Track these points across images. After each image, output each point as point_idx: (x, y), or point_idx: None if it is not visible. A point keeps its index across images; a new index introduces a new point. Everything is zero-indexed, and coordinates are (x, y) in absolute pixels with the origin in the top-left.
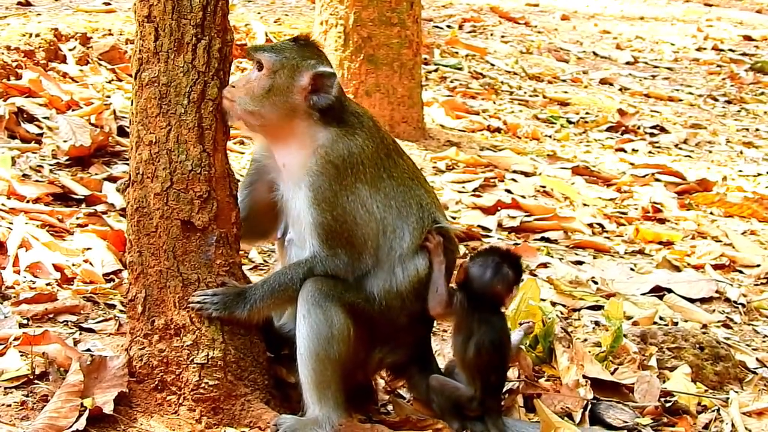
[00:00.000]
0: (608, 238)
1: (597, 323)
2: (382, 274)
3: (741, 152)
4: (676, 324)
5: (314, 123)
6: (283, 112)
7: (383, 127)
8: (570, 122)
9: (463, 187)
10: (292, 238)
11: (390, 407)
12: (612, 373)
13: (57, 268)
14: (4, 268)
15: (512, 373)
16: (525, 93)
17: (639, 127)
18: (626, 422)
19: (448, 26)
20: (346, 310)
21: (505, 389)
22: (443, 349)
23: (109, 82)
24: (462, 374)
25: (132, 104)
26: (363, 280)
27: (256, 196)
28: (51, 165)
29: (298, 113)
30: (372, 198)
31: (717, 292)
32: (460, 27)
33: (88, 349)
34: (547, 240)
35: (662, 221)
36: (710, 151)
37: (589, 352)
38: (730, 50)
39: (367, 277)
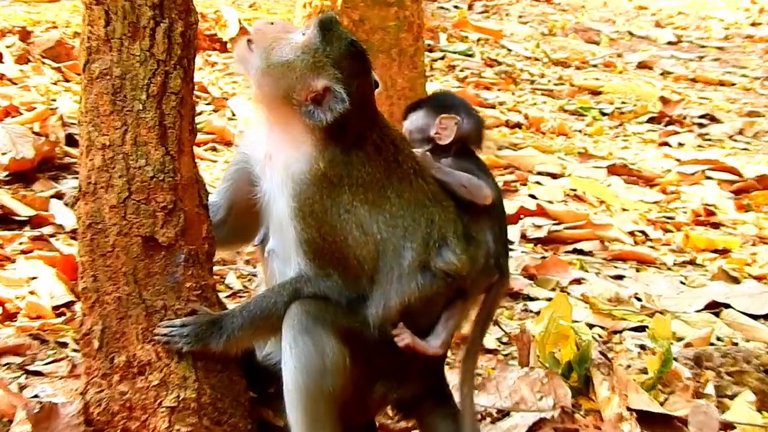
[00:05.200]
0: (653, 247)
1: (642, 346)
2: (376, 296)
3: None
4: (735, 344)
5: (315, 133)
6: (284, 100)
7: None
8: (603, 114)
9: None
10: (274, 248)
11: None
12: (661, 404)
13: None
14: None
15: (545, 402)
16: (549, 81)
17: (685, 117)
18: None
19: (456, 6)
20: (340, 337)
21: (535, 419)
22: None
23: (55, 83)
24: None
25: (81, 102)
26: (356, 302)
27: (239, 191)
28: None
29: (296, 113)
30: (372, 219)
31: None
32: (470, 7)
33: (36, 395)
34: (581, 252)
35: (716, 226)
36: None
37: (634, 379)
38: None
39: (360, 300)
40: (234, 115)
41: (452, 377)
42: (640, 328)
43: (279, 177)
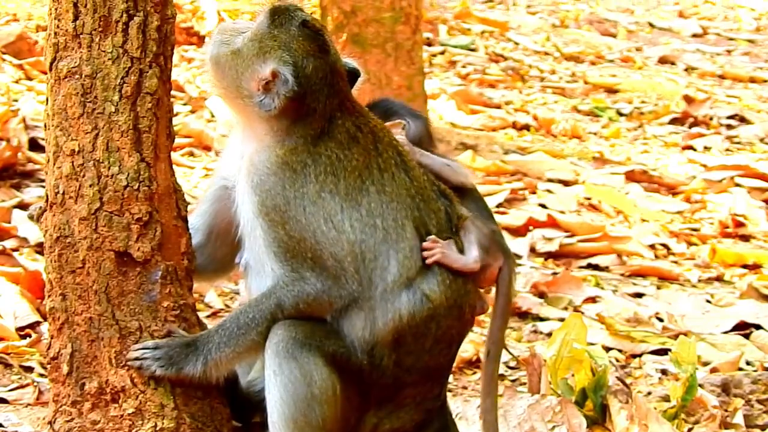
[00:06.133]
0: (676, 262)
1: (664, 371)
2: (361, 317)
3: None
4: (767, 369)
5: (274, 122)
6: (237, 91)
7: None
8: (621, 114)
9: None
10: (249, 261)
11: None
12: None
13: None
14: None
15: None
16: (560, 78)
17: (712, 118)
18: None
19: None
20: (328, 363)
21: None
22: (466, 411)
23: (16, 81)
24: None
25: (47, 103)
26: (340, 324)
27: (219, 213)
28: None
29: (251, 106)
30: (344, 212)
31: None
32: None
33: (0, 425)
34: (596, 267)
35: (746, 238)
36: None
37: (655, 408)
38: None
39: (344, 320)
40: (213, 116)
41: (455, 405)
42: (662, 352)
43: (244, 175)
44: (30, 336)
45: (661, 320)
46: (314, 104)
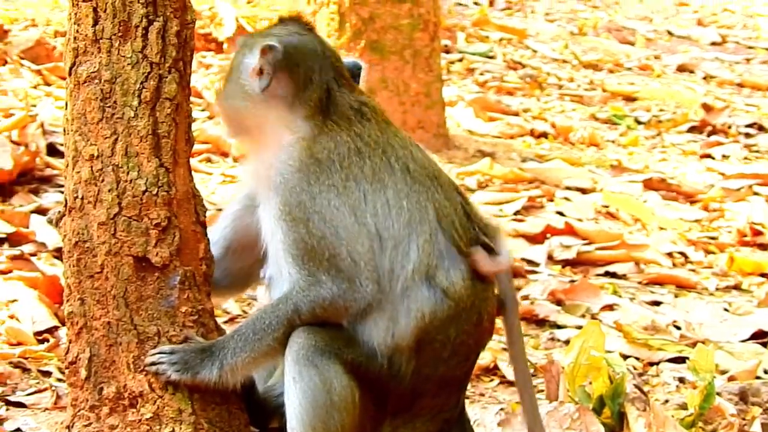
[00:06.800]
0: (694, 270)
1: (681, 379)
2: (380, 321)
3: None
4: None
5: (285, 114)
6: (241, 104)
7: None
8: (639, 122)
9: (501, 209)
10: (272, 274)
11: None
12: None
13: None
14: None
15: None
16: (578, 86)
17: (730, 126)
18: None
19: (476, 3)
20: (347, 370)
21: None
22: (484, 418)
23: (35, 87)
24: None
25: (66, 108)
26: (360, 331)
27: (238, 229)
28: None
29: (257, 103)
30: (369, 199)
31: None
32: (491, 3)
33: (18, 429)
34: (614, 275)
35: (764, 247)
36: None
37: (672, 416)
38: None
39: (364, 326)
40: None
41: (473, 412)
42: (680, 360)
43: (267, 180)
44: (48, 340)
45: (678, 328)
46: (309, 73)
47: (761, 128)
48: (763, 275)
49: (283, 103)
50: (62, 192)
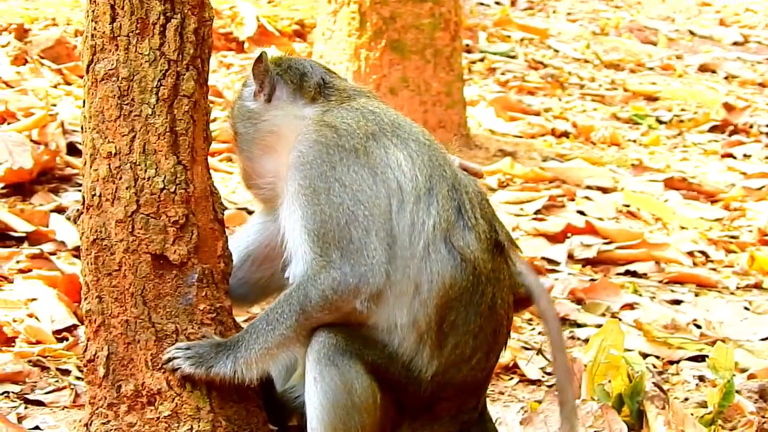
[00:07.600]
0: (714, 269)
1: (701, 378)
2: (402, 297)
3: None
4: None
5: (292, 108)
6: (253, 127)
7: None
8: (660, 122)
9: (522, 208)
10: (295, 273)
11: None
12: None
13: None
14: None
15: None
16: (600, 86)
17: (752, 126)
18: None
19: (497, 2)
20: (368, 371)
21: None
22: (506, 416)
23: (55, 86)
24: None
25: (84, 106)
26: (380, 318)
27: (259, 240)
28: None
29: (265, 114)
30: (392, 152)
31: None
32: (513, 3)
33: (37, 427)
34: (634, 274)
35: None
36: None
37: (692, 414)
38: None
39: (384, 308)
40: None
41: (494, 411)
42: (699, 358)
43: (288, 168)
44: (67, 339)
45: (698, 327)
46: (301, 68)
47: None
48: None
49: (288, 101)
50: (82, 191)
